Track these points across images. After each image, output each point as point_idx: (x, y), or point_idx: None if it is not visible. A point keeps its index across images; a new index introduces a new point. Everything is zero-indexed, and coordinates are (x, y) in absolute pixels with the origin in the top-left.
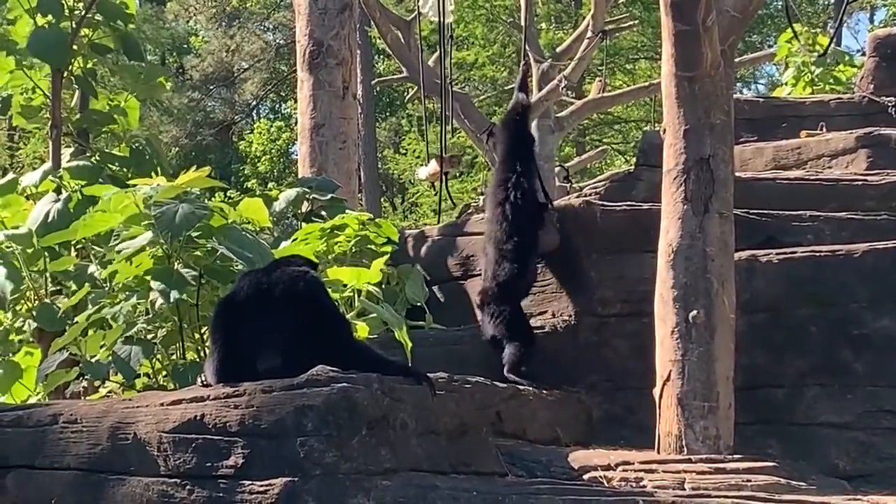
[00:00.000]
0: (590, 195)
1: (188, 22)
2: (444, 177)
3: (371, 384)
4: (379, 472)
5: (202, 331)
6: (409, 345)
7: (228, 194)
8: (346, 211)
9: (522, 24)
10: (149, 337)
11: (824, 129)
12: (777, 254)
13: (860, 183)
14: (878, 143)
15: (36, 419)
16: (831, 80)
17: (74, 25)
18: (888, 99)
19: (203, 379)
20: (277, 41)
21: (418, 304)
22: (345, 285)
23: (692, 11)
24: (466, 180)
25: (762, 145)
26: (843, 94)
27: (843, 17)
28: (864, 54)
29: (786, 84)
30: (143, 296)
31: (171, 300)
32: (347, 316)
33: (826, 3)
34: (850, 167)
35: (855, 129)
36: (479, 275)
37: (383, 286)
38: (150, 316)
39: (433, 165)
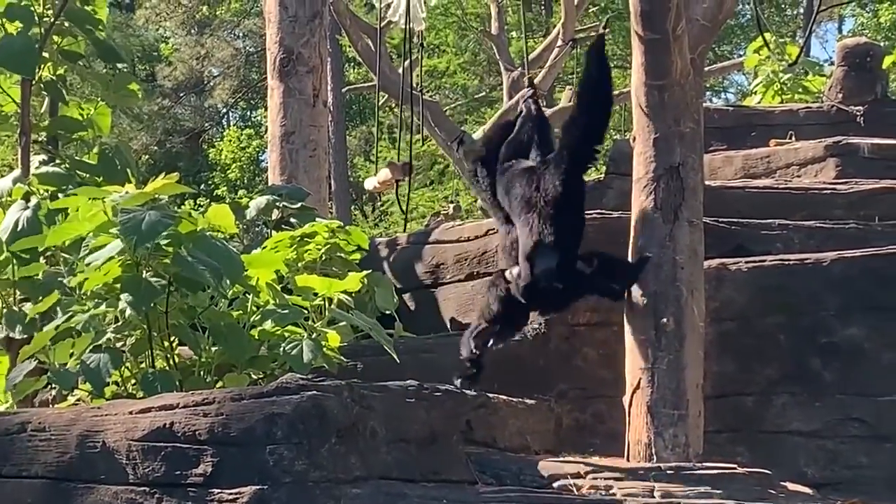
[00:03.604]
0: None
1: (157, 29)
2: (397, 185)
3: (341, 392)
4: (348, 480)
5: (171, 339)
6: (391, 341)
7: (198, 202)
8: (317, 219)
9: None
10: (118, 345)
11: (793, 138)
12: (746, 262)
13: (829, 192)
14: (847, 152)
15: (4, 427)
16: (800, 90)
17: (44, 32)
18: (856, 108)
19: None
20: (248, 49)
21: (388, 312)
22: (315, 294)
23: (662, 20)
24: (437, 189)
25: (732, 154)
26: (811, 104)
27: (812, 27)
28: (832, 64)
29: (755, 93)
30: (113, 304)
31: (141, 310)
32: (318, 324)
33: (795, 13)
34: (818, 176)
35: (824, 138)
36: (449, 283)
37: (353, 294)
38: (119, 324)
39: (384, 173)
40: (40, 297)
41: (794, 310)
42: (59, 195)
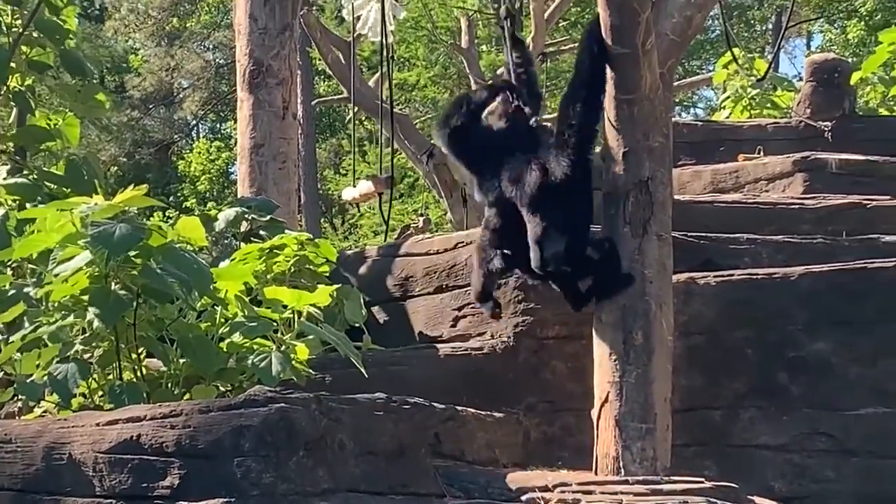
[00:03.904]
0: None
1: (127, 41)
2: (380, 197)
3: (309, 404)
4: (317, 492)
5: (139, 350)
6: (359, 355)
7: (167, 213)
8: (286, 231)
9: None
10: (85, 356)
11: (762, 153)
12: (715, 276)
13: (797, 206)
14: (815, 167)
15: None
16: (769, 105)
17: (12, 42)
18: (824, 123)
19: None
20: (218, 60)
21: (357, 324)
22: (284, 306)
23: (631, 35)
24: (407, 202)
25: (700, 168)
26: (780, 119)
27: (780, 43)
28: (801, 79)
29: (724, 108)
30: (80, 315)
31: (109, 322)
32: (287, 337)
33: (763, 28)
34: (787, 191)
35: (792, 154)
36: (418, 296)
37: (322, 307)
38: (87, 335)
39: (364, 186)
40: (6, 308)
41: (761, 324)
42: (27, 206)
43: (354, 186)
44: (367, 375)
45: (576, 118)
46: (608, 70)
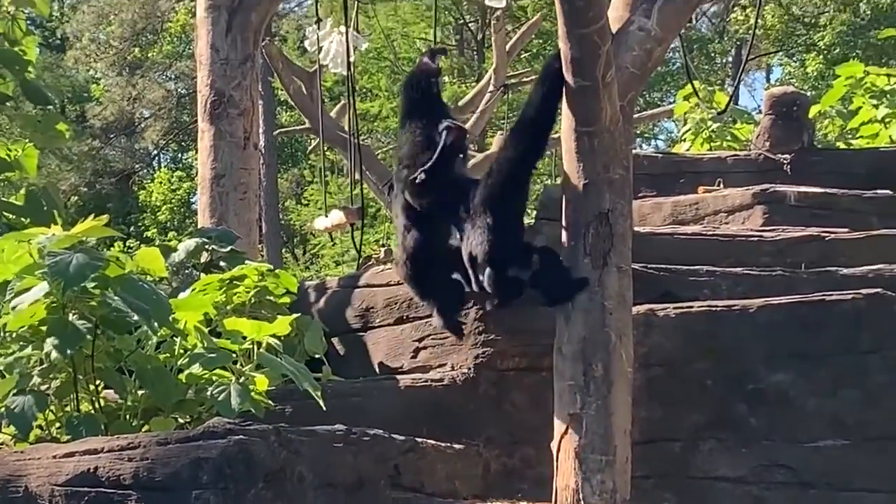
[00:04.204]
0: None
1: (88, 70)
2: (352, 228)
3: (268, 436)
4: None
5: (97, 382)
6: (318, 392)
7: (128, 243)
8: (246, 262)
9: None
10: (42, 388)
11: (721, 185)
12: (674, 308)
13: (756, 239)
14: (774, 199)
15: None
16: (728, 137)
17: None
18: (784, 156)
19: None
20: (179, 90)
21: (317, 355)
22: (244, 337)
23: (591, 67)
24: (369, 232)
25: (661, 200)
26: (740, 152)
27: (741, 76)
28: (760, 112)
29: (684, 140)
30: (38, 346)
31: (66, 354)
32: (246, 368)
33: (723, 61)
34: (746, 223)
35: (751, 186)
36: (379, 327)
37: (282, 338)
38: (44, 367)
39: (336, 216)
40: None
41: (721, 356)
42: None
43: (326, 216)
44: (324, 408)
45: (516, 148)
46: (566, 104)
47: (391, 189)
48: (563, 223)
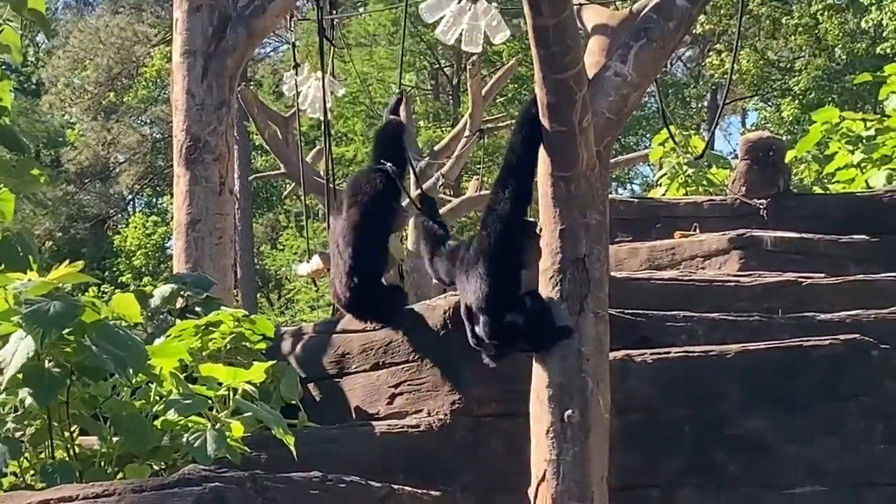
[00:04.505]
0: None
1: (63, 115)
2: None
3: (244, 483)
4: None
5: (72, 429)
6: (292, 441)
7: (102, 289)
8: (222, 307)
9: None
10: (17, 435)
11: (698, 230)
12: (651, 354)
13: (733, 284)
14: (751, 244)
15: None
16: (704, 182)
17: None
18: (760, 201)
19: None
20: (154, 135)
21: (293, 402)
22: (220, 383)
23: (568, 112)
24: None
25: (637, 245)
26: (716, 196)
27: (717, 121)
28: (736, 156)
29: (660, 185)
30: (12, 393)
31: (44, 403)
32: (221, 415)
33: (699, 105)
34: (722, 268)
35: (727, 231)
36: (355, 373)
37: (258, 384)
38: (19, 413)
39: (316, 261)
40: None
41: (698, 402)
42: None
43: (307, 262)
44: (296, 458)
45: (505, 202)
46: (543, 149)
47: None
48: (540, 268)
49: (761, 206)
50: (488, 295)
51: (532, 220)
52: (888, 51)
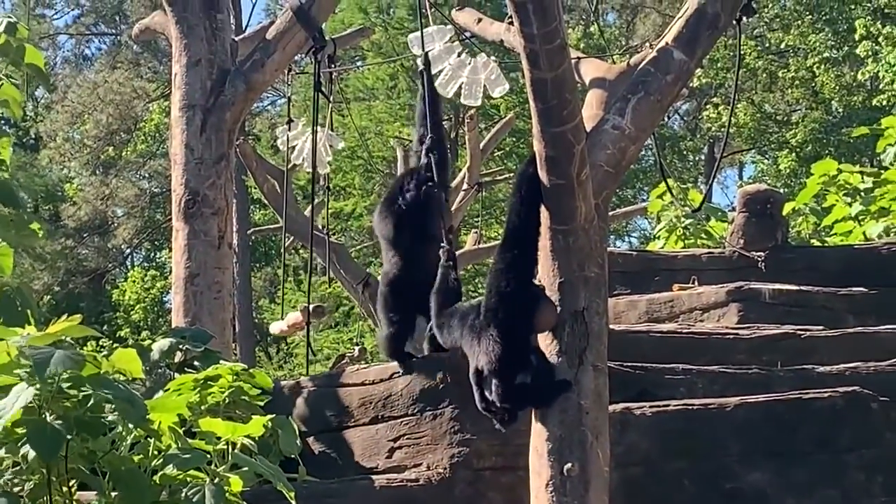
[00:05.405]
0: None
1: (62, 169)
2: (308, 327)
3: None
4: None
5: (71, 483)
6: (292, 495)
7: (101, 343)
8: (220, 361)
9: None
10: (15, 489)
11: (696, 283)
12: (650, 407)
13: (731, 336)
14: (749, 297)
15: None
16: (703, 235)
17: None
18: (758, 254)
19: None
20: (153, 189)
21: (292, 456)
22: (218, 438)
23: (566, 165)
24: (342, 331)
25: (636, 298)
26: (714, 249)
27: (715, 174)
28: (733, 209)
29: (658, 238)
30: (12, 449)
31: (49, 459)
32: (220, 469)
33: (696, 158)
34: (721, 320)
35: (726, 283)
36: (354, 426)
37: (256, 438)
38: (18, 468)
39: (292, 317)
40: None
41: (698, 455)
42: None
43: (283, 319)
44: None
45: (508, 260)
46: (543, 203)
47: (365, 286)
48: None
49: (759, 259)
50: (499, 358)
51: (539, 284)
52: (884, 103)
